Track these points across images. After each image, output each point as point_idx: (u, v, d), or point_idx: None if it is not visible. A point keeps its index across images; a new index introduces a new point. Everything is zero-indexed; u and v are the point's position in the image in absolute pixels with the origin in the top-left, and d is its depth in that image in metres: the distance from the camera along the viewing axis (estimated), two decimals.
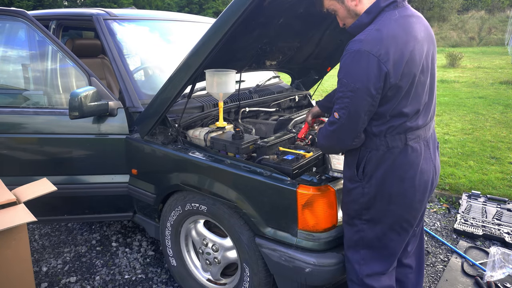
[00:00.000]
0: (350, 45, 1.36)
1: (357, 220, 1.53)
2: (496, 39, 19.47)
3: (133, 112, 2.22)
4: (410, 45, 1.35)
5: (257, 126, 2.46)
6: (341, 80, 1.37)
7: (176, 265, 2.20)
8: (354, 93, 1.33)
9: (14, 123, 2.33)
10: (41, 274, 2.45)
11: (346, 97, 1.35)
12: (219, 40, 1.61)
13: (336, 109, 1.39)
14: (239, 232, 1.80)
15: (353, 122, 1.38)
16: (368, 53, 1.30)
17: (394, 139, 1.43)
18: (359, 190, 1.49)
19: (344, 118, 1.37)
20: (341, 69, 1.37)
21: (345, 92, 1.35)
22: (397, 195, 1.45)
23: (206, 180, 1.86)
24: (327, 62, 2.98)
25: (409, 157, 1.45)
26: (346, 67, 1.35)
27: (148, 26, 2.86)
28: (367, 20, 1.40)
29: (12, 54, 2.53)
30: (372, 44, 1.31)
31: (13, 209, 1.74)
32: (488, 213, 3.14)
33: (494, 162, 4.33)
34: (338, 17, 1.55)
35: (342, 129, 1.41)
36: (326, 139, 1.50)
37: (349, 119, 1.37)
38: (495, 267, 2.36)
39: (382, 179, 1.45)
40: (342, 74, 1.37)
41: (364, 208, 1.50)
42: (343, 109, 1.37)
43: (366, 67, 1.31)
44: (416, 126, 1.45)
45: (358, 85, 1.32)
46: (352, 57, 1.33)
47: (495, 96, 8.14)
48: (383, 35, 1.32)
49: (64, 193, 2.29)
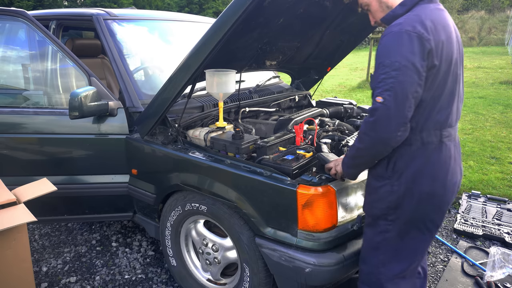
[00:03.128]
0: (388, 29, 1.32)
1: (382, 221, 1.48)
2: (496, 39, 19.46)
3: (133, 112, 2.22)
4: (447, 31, 1.34)
5: (257, 126, 2.46)
6: (381, 64, 1.30)
7: (176, 265, 2.20)
8: (399, 71, 1.25)
9: (14, 123, 2.33)
10: (41, 274, 2.45)
11: (390, 78, 1.26)
12: (219, 40, 1.61)
13: (379, 93, 1.28)
14: (239, 232, 1.80)
15: (400, 105, 1.27)
16: (409, 32, 1.27)
17: (430, 134, 1.38)
18: (387, 188, 1.43)
19: (390, 100, 1.26)
20: (381, 53, 1.31)
21: (388, 72, 1.27)
22: (427, 195, 1.41)
23: (206, 180, 1.86)
24: (327, 62, 2.99)
25: (442, 155, 1.40)
26: (387, 49, 1.30)
27: (148, 26, 2.86)
28: (401, 11, 1.38)
29: (12, 54, 2.53)
30: (412, 25, 1.28)
31: (13, 209, 1.74)
32: (488, 213, 3.14)
33: (494, 162, 4.33)
34: (370, 13, 1.52)
35: (388, 115, 1.28)
36: (367, 134, 1.36)
37: (395, 101, 1.26)
38: (495, 267, 2.36)
39: (413, 177, 1.39)
40: (382, 57, 1.30)
41: (391, 207, 1.44)
42: (388, 90, 1.26)
43: (409, 44, 1.26)
44: (450, 122, 1.41)
45: (404, 62, 1.25)
46: (392, 38, 1.29)
47: (495, 96, 8.14)
48: (422, 18, 1.30)
49: (64, 193, 2.29)
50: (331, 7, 2.14)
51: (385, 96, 1.27)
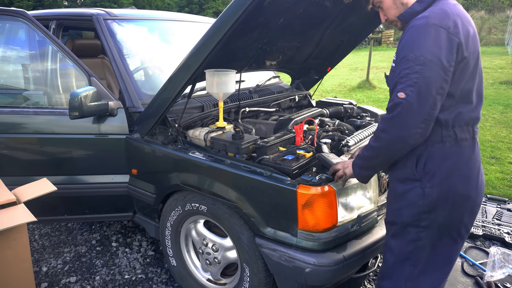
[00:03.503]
0: (413, 22, 1.27)
1: (412, 228, 1.36)
2: (496, 39, 19.46)
3: (133, 112, 2.22)
4: (471, 25, 1.30)
5: (257, 126, 2.46)
6: (405, 57, 1.23)
7: (176, 265, 2.20)
8: (424, 66, 1.19)
9: (14, 123, 2.33)
10: (41, 274, 2.45)
11: (414, 73, 1.20)
12: (219, 40, 1.61)
13: (401, 88, 1.22)
14: (239, 232, 1.80)
15: (423, 101, 1.20)
16: (436, 26, 1.21)
17: (463, 131, 1.31)
18: (418, 191, 1.33)
19: (413, 97, 1.20)
20: (405, 46, 1.25)
21: (412, 67, 1.21)
22: (461, 196, 1.32)
23: (206, 180, 1.86)
24: (327, 62, 2.99)
25: (475, 152, 1.34)
26: (411, 42, 1.24)
27: (148, 26, 2.86)
28: (420, 8, 1.32)
29: (12, 54, 2.53)
30: (438, 18, 1.23)
31: (13, 209, 1.74)
32: (488, 213, 3.14)
33: (494, 162, 4.33)
34: (381, 10, 1.46)
35: (409, 111, 1.21)
36: (385, 131, 1.29)
37: (418, 97, 1.20)
38: (495, 267, 2.36)
39: (447, 177, 1.30)
40: (406, 50, 1.24)
41: (424, 211, 1.33)
42: (411, 86, 1.20)
43: (436, 38, 1.21)
44: (478, 117, 1.35)
45: (429, 57, 1.19)
46: (418, 31, 1.23)
47: (495, 96, 8.14)
48: (448, 12, 1.26)
49: (64, 193, 2.29)
50: (331, 7, 2.13)
51: (408, 91, 1.21)
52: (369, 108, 2.90)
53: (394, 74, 1.30)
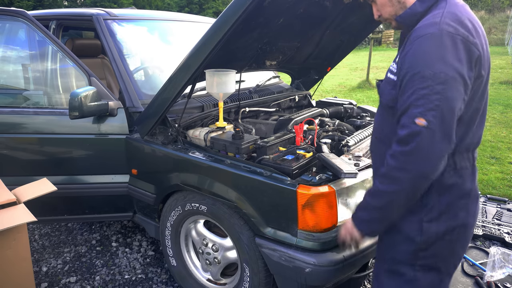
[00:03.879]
0: (422, 30, 1.07)
1: (407, 267, 1.22)
2: (496, 39, 19.46)
3: (133, 112, 2.22)
4: (483, 32, 1.14)
5: (257, 126, 2.46)
6: (419, 74, 1.03)
7: (176, 265, 2.20)
8: (446, 84, 1.01)
9: (14, 123, 2.33)
10: (41, 274, 2.45)
11: (434, 93, 1.01)
12: (219, 40, 1.61)
13: (419, 113, 1.03)
14: (239, 232, 1.80)
15: (448, 128, 1.03)
16: (452, 34, 1.03)
17: (463, 158, 1.17)
18: (415, 226, 1.18)
19: (435, 123, 1.01)
20: (417, 60, 1.05)
21: (432, 87, 1.01)
22: (460, 228, 1.19)
23: (206, 180, 1.86)
24: (327, 62, 2.99)
25: (474, 181, 1.21)
26: (426, 55, 1.04)
27: (148, 26, 2.86)
28: (422, 9, 1.15)
29: (12, 54, 2.53)
30: (453, 26, 1.04)
31: (13, 209, 1.74)
32: (488, 213, 3.14)
33: (494, 162, 4.33)
34: (375, 5, 1.29)
35: (432, 141, 1.03)
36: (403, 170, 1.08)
37: (442, 122, 1.02)
38: (495, 267, 2.36)
39: (447, 209, 1.16)
40: (420, 65, 1.04)
41: (421, 249, 1.18)
42: (432, 110, 1.01)
43: (454, 50, 1.02)
44: (479, 141, 1.20)
45: (451, 73, 1.01)
46: (431, 42, 1.04)
47: (495, 96, 8.14)
48: (460, 16, 1.07)
49: (64, 193, 2.29)
50: (331, 7, 2.13)
51: (429, 117, 1.01)
52: (369, 108, 2.90)
53: (401, 93, 1.10)
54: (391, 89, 1.19)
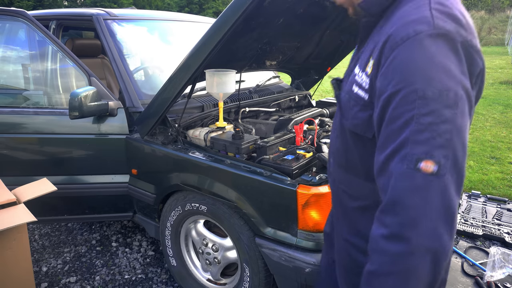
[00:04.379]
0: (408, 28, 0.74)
1: None
2: (496, 39, 19.47)
3: (133, 112, 2.22)
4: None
5: (257, 126, 2.46)
6: (419, 93, 0.70)
7: (176, 265, 2.20)
8: (457, 108, 0.70)
9: (14, 123, 2.33)
10: (41, 274, 2.45)
11: (443, 122, 0.69)
12: (219, 40, 1.61)
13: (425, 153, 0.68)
14: (239, 232, 1.80)
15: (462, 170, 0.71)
16: (451, 36, 0.72)
17: None
18: None
19: (448, 168, 0.69)
20: (411, 73, 0.71)
21: (438, 112, 0.69)
22: None
23: (206, 180, 1.86)
24: (327, 62, 2.99)
25: None
26: (423, 66, 0.71)
27: (148, 26, 2.86)
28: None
29: (12, 54, 2.53)
30: (449, 22, 0.73)
31: (13, 209, 1.74)
32: (488, 213, 3.14)
33: (494, 162, 4.33)
34: None
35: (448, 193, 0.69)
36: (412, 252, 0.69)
37: (455, 165, 0.70)
38: (495, 267, 2.36)
39: None
40: (418, 80, 0.70)
41: None
42: (442, 147, 0.68)
43: (458, 58, 0.72)
44: None
45: (460, 91, 0.71)
46: (427, 46, 0.71)
47: (495, 96, 8.14)
48: (456, 11, 0.76)
49: (64, 193, 2.29)
50: (331, 7, 2.13)
51: (439, 158, 0.68)
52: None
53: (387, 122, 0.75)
54: (360, 111, 0.85)
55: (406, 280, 0.69)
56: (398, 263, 0.70)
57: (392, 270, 0.71)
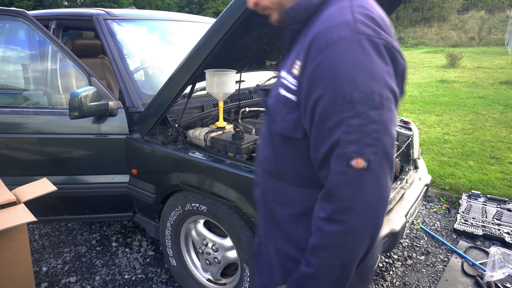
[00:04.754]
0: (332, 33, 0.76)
1: None
2: (496, 39, 19.49)
3: (133, 112, 2.22)
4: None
5: (257, 126, 2.46)
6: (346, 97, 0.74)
7: (176, 265, 2.20)
8: (383, 108, 0.75)
9: (14, 123, 2.33)
10: (41, 274, 2.45)
11: (370, 123, 0.74)
12: (219, 40, 1.61)
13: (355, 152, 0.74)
14: (239, 232, 1.80)
15: (391, 159, 0.78)
16: (373, 39, 0.76)
17: None
18: None
19: (377, 163, 0.75)
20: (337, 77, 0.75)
21: (365, 114, 0.74)
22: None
23: (206, 180, 1.86)
24: None
25: None
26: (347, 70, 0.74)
27: (148, 26, 2.86)
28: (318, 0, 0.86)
29: (12, 54, 2.53)
30: (371, 26, 0.77)
31: (13, 209, 1.74)
32: (488, 213, 3.14)
33: (494, 162, 4.33)
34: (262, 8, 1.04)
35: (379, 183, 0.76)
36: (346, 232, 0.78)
37: (386, 157, 0.77)
38: (495, 267, 2.36)
39: None
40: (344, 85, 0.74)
41: None
42: (371, 145, 0.74)
43: (382, 60, 0.76)
44: None
45: (385, 92, 0.75)
46: (351, 50, 0.75)
47: (495, 96, 8.14)
48: (375, 14, 0.80)
49: (64, 193, 2.29)
50: None
51: (369, 155, 0.74)
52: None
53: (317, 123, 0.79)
54: (288, 114, 0.86)
55: (341, 253, 0.79)
56: (335, 240, 0.79)
57: (330, 245, 0.80)
